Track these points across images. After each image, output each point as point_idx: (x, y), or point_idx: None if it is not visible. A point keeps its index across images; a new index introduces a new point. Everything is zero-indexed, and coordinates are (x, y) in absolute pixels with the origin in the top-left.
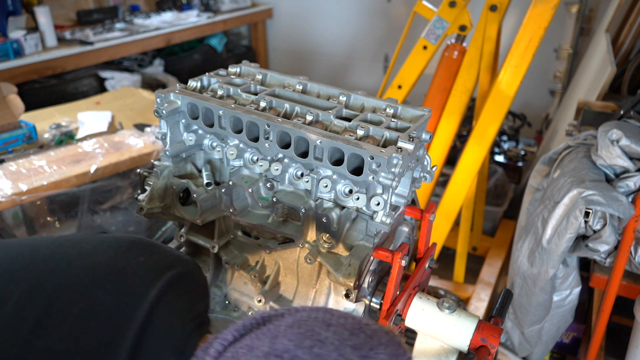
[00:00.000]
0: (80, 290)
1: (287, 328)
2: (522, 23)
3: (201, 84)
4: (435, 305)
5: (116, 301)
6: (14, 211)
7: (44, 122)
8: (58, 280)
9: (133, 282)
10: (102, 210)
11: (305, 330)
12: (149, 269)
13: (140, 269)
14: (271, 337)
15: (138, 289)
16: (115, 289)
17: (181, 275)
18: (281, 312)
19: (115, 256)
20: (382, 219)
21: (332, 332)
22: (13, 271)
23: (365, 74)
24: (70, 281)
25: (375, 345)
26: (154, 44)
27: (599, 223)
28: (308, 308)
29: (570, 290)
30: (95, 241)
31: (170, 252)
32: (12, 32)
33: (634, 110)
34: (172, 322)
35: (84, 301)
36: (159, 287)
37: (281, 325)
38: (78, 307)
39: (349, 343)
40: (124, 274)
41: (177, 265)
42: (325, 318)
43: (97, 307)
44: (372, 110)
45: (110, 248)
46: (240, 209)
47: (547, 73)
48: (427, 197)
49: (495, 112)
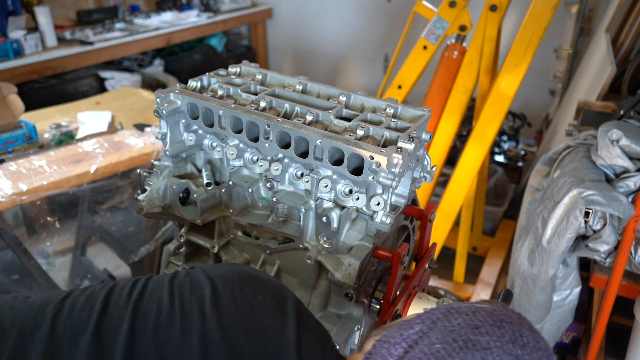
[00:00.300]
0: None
1: (444, 345)
2: (522, 23)
3: (201, 84)
4: (435, 305)
5: (263, 352)
6: (14, 211)
7: (44, 122)
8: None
9: (267, 328)
10: (102, 210)
11: (461, 341)
12: (273, 308)
13: (265, 309)
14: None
15: (275, 334)
16: (255, 339)
17: (296, 302)
18: (419, 329)
19: (236, 299)
20: (382, 219)
21: (486, 333)
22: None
23: (365, 74)
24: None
25: (521, 331)
26: (154, 44)
27: (599, 223)
28: (438, 313)
29: (570, 290)
30: (206, 282)
31: (270, 278)
32: (12, 32)
33: (634, 110)
34: (320, 358)
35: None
36: (293, 325)
37: (434, 344)
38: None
39: (505, 339)
40: (255, 320)
41: (287, 294)
42: (468, 322)
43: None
44: (372, 110)
45: (226, 288)
46: (240, 209)
47: (547, 73)
48: (427, 197)
49: (495, 112)
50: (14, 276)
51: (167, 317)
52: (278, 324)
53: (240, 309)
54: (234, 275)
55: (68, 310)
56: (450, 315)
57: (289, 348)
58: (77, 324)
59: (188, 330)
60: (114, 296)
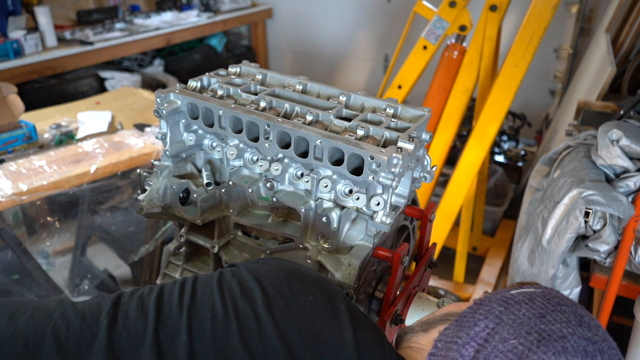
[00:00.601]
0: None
1: (519, 340)
2: (522, 23)
3: (201, 84)
4: (435, 305)
5: (323, 357)
6: (14, 211)
7: (44, 122)
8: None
9: (323, 331)
10: (102, 210)
11: (535, 334)
12: (325, 309)
13: (318, 311)
14: (508, 350)
15: (332, 337)
16: (313, 344)
17: (345, 300)
18: (485, 325)
19: (287, 302)
20: (382, 219)
21: (554, 321)
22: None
23: (365, 74)
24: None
25: (578, 311)
26: (154, 44)
27: (599, 223)
28: (496, 305)
29: (570, 290)
30: (255, 283)
31: (313, 273)
32: (12, 32)
33: (634, 110)
34: (380, 358)
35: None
36: (349, 326)
37: (508, 340)
38: None
39: (573, 324)
40: (310, 323)
41: (335, 291)
42: (532, 311)
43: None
44: (372, 110)
45: (275, 290)
46: (240, 209)
47: (547, 73)
48: (427, 197)
49: (495, 112)
50: (14, 276)
51: (223, 325)
52: (334, 326)
53: (294, 312)
54: (281, 274)
55: (122, 319)
56: (511, 306)
57: (349, 352)
58: (134, 335)
59: (246, 338)
60: (166, 303)
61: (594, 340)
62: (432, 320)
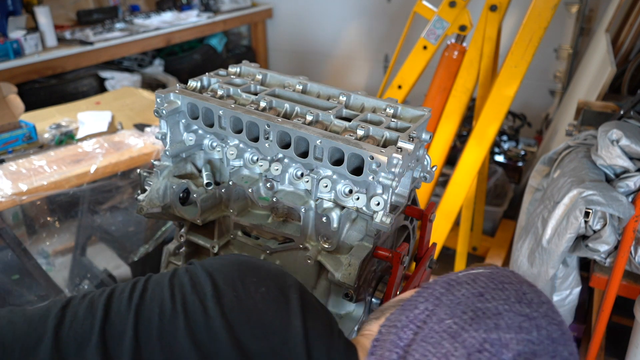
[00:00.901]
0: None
1: (454, 320)
2: (522, 23)
3: (201, 84)
4: None
5: (270, 346)
6: (14, 211)
7: (44, 122)
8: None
9: (273, 321)
10: (102, 210)
11: (471, 312)
12: (277, 299)
13: (269, 302)
14: (452, 333)
15: (281, 326)
16: (261, 334)
17: (299, 289)
18: (424, 308)
19: (238, 294)
20: (382, 219)
21: (492, 299)
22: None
23: (365, 74)
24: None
25: (522, 289)
26: (154, 44)
27: (599, 223)
28: (438, 287)
29: (570, 290)
30: (206, 278)
31: (270, 266)
32: (12, 32)
33: (634, 110)
34: (328, 345)
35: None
36: (298, 314)
37: (444, 320)
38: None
39: (512, 301)
40: (260, 314)
41: (289, 281)
42: (472, 291)
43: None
44: (372, 110)
45: (226, 284)
46: (240, 209)
47: (547, 73)
48: (427, 197)
49: (495, 112)
50: (14, 276)
51: (170, 320)
52: (284, 316)
53: (244, 304)
54: (234, 268)
55: (69, 320)
56: (452, 287)
57: (297, 339)
58: (81, 334)
59: (194, 332)
60: (115, 302)
61: (532, 317)
62: (385, 307)
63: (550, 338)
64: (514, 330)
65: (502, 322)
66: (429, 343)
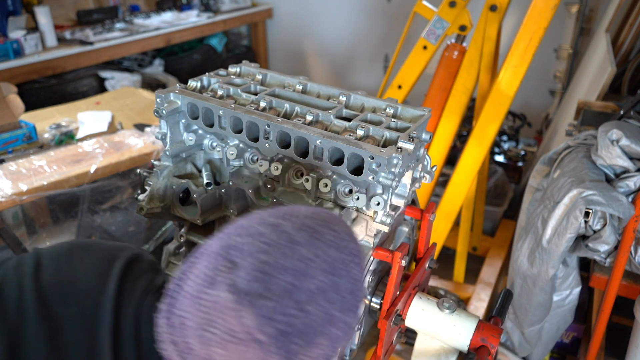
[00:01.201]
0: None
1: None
2: (522, 23)
3: (201, 84)
4: (435, 305)
5: (80, 311)
6: (14, 211)
7: (44, 122)
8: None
9: (89, 289)
10: (102, 210)
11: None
12: (99, 269)
13: (90, 272)
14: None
15: (96, 292)
16: (73, 300)
17: (129, 258)
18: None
19: (60, 268)
20: (382, 219)
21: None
22: None
23: (365, 74)
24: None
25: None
26: (154, 44)
27: (599, 223)
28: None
29: (570, 290)
30: (32, 259)
31: (109, 244)
32: (12, 32)
33: (634, 110)
34: (139, 301)
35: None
36: (116, 280)
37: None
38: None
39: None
40: (77, 283)
41: (122, 254)
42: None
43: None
44: (372, 110)
45: (51, 260)
46: (240, 209)
47: (547, 73)
48: (427, 197)
49: (495, 112)
50: None
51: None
52: (101, 282)
53: (61, 275)
54: (65, 246)
55: None
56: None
57: (107, 301)
58: None
59: (3, 307)
60: None
61: (282, 230)
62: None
63: (290, 240)
64: (256, 238)
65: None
66: (190, 271)
